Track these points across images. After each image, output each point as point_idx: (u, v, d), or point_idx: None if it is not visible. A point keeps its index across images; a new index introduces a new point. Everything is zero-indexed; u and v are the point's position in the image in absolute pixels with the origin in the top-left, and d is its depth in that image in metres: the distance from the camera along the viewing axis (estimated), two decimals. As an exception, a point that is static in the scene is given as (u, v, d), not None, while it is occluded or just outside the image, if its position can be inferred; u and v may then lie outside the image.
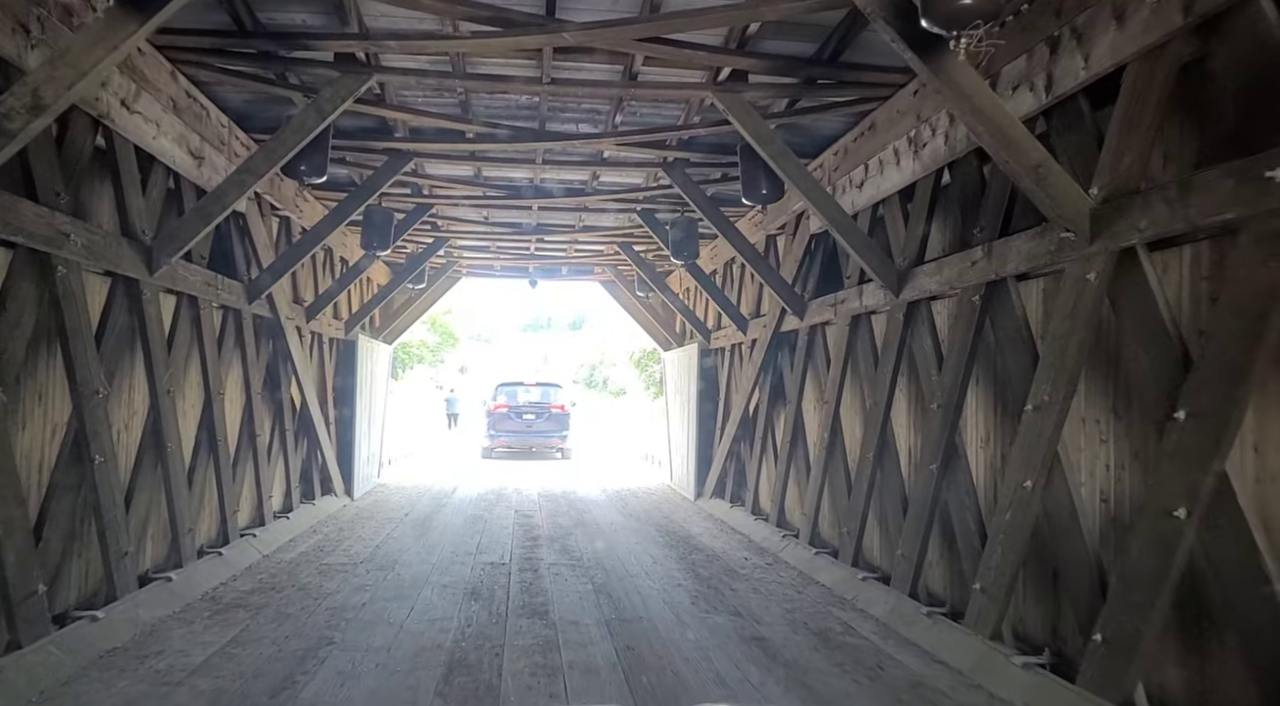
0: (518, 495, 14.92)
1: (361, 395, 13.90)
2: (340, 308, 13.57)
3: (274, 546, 9.11)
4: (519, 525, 11.35)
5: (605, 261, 15.82)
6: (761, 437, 10.96)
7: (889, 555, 7.44)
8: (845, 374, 8.24)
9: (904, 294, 6.77)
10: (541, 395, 23.93)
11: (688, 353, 15.00)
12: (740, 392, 11.77)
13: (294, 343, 10.29)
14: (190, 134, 6.90)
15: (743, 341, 12.11)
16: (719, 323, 13.88)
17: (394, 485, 15.88)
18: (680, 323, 16.90)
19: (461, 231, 13.27)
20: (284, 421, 10.35)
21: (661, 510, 13.05)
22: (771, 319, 10.23)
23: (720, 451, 12.80)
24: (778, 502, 10.07)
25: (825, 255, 8.98)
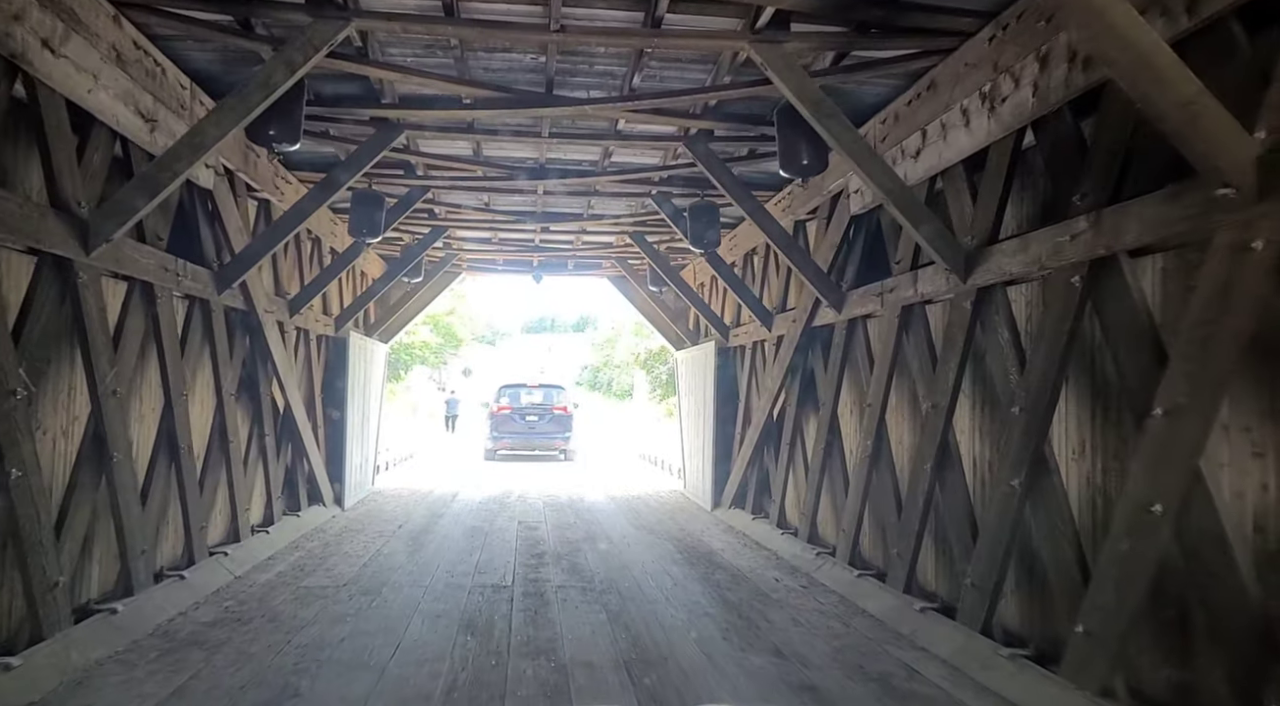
0: (521, 503, 13.95)
1: (354, 397, 12.94)
2: (330, 302, 12.61)
3: (248, 565, 8.13)
4: (522, 538, 10.37)
5: (615, 254, 14.83)
6: (789, 444, 9.96)
7: (950, 582, 6.44)
8: (892, 373, 7.25)
9: (973, 278, 5.77)
10: (544, 397, 23.88)
11: (703, 351, 14.01)
12: (764, 394, 10.78)
13: (274, 339, 9.32)
14: (140, 93, 5.93)
15: (766, 338, 11.12)
16: (738, 319, 12.89)
17: (390, 492, 14.91)
18: (694, 319, 15.91)
19: (460, 219, 12.30)
20: (263, 426, 9.38)
21: (676, 521, 12.06)
22: (802, 313, 9.23)
23: (740, 458, 11.81)
24: (809, 516, 9.07)
25: (867, 239, 7.99)
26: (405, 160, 9.41)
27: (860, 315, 7.97)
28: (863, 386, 8.04)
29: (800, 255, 8.38)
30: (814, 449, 9.14)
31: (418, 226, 12.74)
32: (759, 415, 10.99)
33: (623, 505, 13.99)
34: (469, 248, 14.77)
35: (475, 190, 10.57)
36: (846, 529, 7.92)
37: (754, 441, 11.17)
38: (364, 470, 14.12)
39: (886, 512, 7.30)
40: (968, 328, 5.91)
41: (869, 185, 6.09)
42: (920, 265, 6.74)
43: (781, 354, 10.05)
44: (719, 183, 8.32)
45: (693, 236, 9.95)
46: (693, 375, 14.90)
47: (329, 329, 12.29)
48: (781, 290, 10.55)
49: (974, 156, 5.89)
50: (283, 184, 9.27)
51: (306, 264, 11.07)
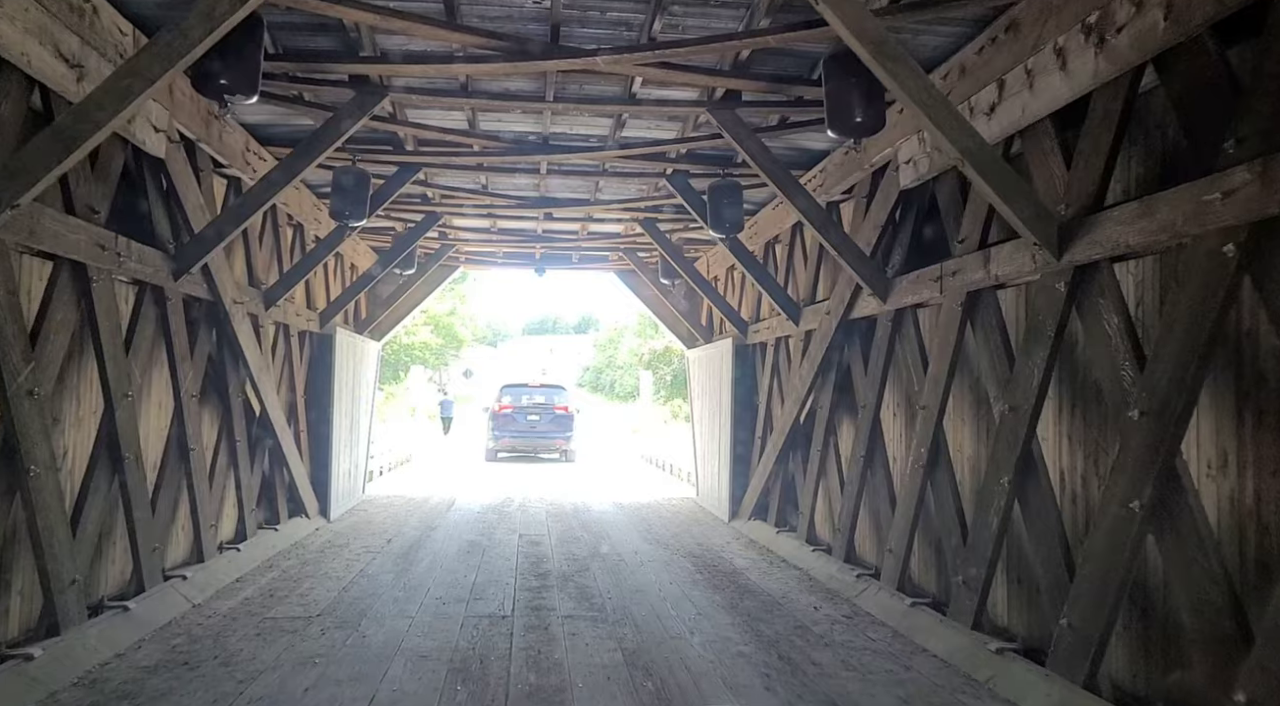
0: (522, 513, 12.94)
1: (341, 398, 11.94)
2: (315, 296, 11.61)
3: (211, 591, 7.13)
4: (524, 555, 9.35)
5: (623, 243, 13.81)
6: (820, 451, 8.94)
7: (1033, 620, 5.44)
8: (953, 370, 6.24)
9: (1070, 254, 4.76)
10: (545, 397, 23.90)
11: (718, 350, 13.01)
12: (790, 395, 9.76)
13: (245, 333, 8.31)
14: (63, 33, 4.92)
15: (792, 334, 10.11)
16: (757, 314, 11.89)
17: (381, 501, 13.90)
18: (709, 314, 14.90)
19: (456, 203, 11.30)
20: (233, 431, 8.38)
21: (692, 534, 11.04)
22: (838, 303, 8.22)
23: (762, 466, 10.79)
24: (845, 533, 8.06)
25: (919, 217, 6.98)
26: (392, 132, 8.41)
27: (910, 304, 6.95)
28: (912, 386, 7.03)
29: (840, 237, 7.36)
30: (851, 457, 8.13)
31: (409, 213, 11.75)
32: (784, 418, 9.97)
33: (632, 515, 12.98)
34: (466, 237, 13.76)
35: (471, 169, 9.56)
36: (894, 549, 6.91)
37: (778, 447, 10.15)
38: (353, 477, 13.12)
39: (946, 533, 6.28)
40: (1060, 314, 4.90)
41: (942, 144, 5.07)
42: (992, 243, 5.72)
43: (812, 350, 9.04)
44: (746, 153, 7.30)
45: (713, 218, 8.93)
46: (706, 375, 13.89)
47: (313, 324, 11.28)
48: (811, 280, 9.53)
49: (1070, 108, 4.89)
50: (255, 160, 8.27)
51: (286, 252, 10.06)
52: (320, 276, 11.98)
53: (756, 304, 11.85)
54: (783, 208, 10.19)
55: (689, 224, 12.03)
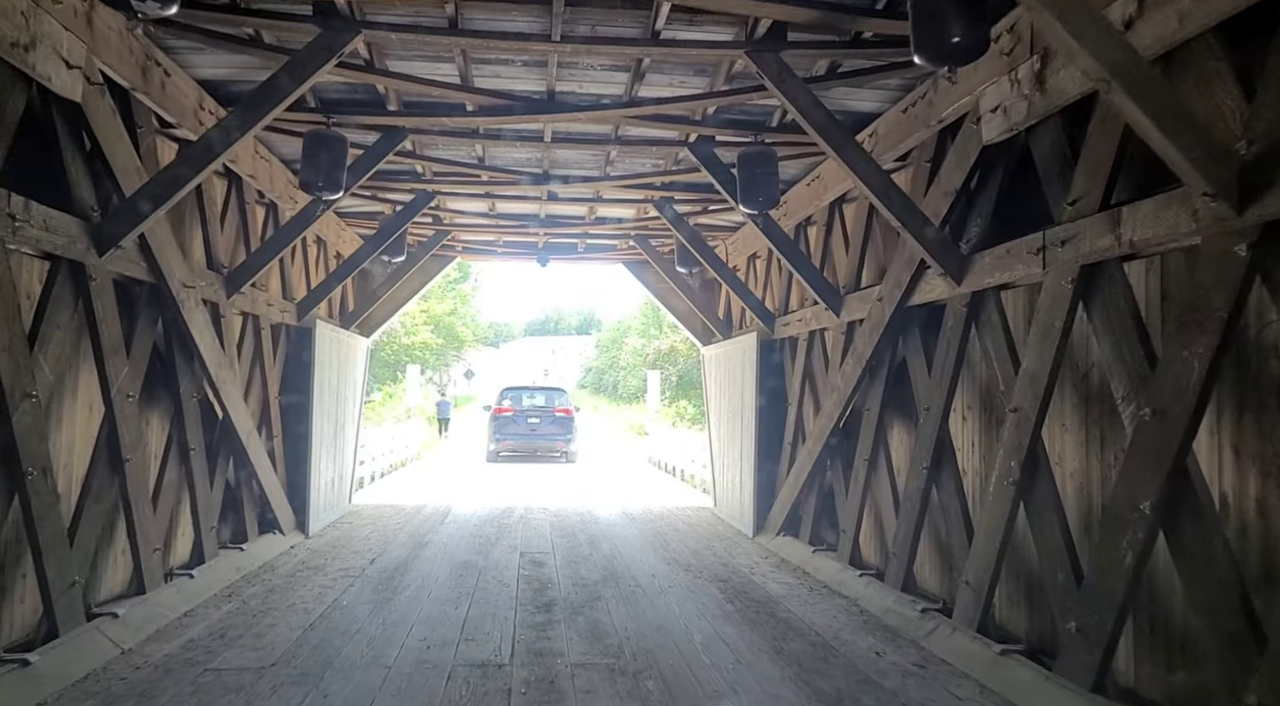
0: (524, 525, 11.73)
1: (323, 399, 10.74)
2: (293, 284, 10.40)
3: (148, 631, 5.92)
4: (526, 579, 8.14)
5: (634, 228, 12.58)
6: (868, 461, 7.72)
7: (1182, 683, 4.22)
8: (1058, 364, 5.02)
9: (1259, 207, 3.55)
10: (546, 399, 24.21)
11: (739, 346, 11.79)
12: (830, 396, 8.54)
13: (200, 322, 7.11)
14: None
15: (830, 327, 8.89)
16: (785, 305, 10.67)
17: (369, 512, 12.69)
18: (726, 308, 13.68)
19: (450, 178, 10.08)
20: (186, 437, 7.17)
21: (714, 552, 9.82)
22: (893, 289, 7.00)
23: (794, 476, 9.57)
24: (902, 557, 6.84)
25: (1006, 178, 5.75)
26: (370, 88, 7.20)
27: (993, 285, 5.73)
28: (994, 384, 5.82)
29: (904, 205, 6.13)
30: (910, 468, 6.91)
31: (398, 193, 10.55)
32: (820, 423, 8.75)
33: (644, 527, 11.76)
34: (462, 223, 12.55)
35: (466, 136, 8.34)
36: (973, 582, 5.68)
37: (813, 455, 8.93)
38: (337, 486, 11.92)
39: (1048, 567, 5.06)
40: (1237, 287, 3.69)
41: (1080, 62, 3.84)
42: (1120, 202, 4.51)
43: (857, 344, 7.82)
44: (793, 106, 6.06)
45: (744, 192, 7.72)
46: (726, 374, 12.68)
47: (289, 316, 10.08)
48: (854, 264, 8.31)
49: (1244, 13, 3.68)
50: (211, 120, 7.06)
51: (254, 232, 8.85)
52: (299, 264, 10.78)
53: (785, 294, 10.64)
54: (818, 184, 8.99)
55: (709, 204, 10.82)
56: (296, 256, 10.68)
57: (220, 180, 8.25)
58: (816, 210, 9.32)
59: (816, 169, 8.88)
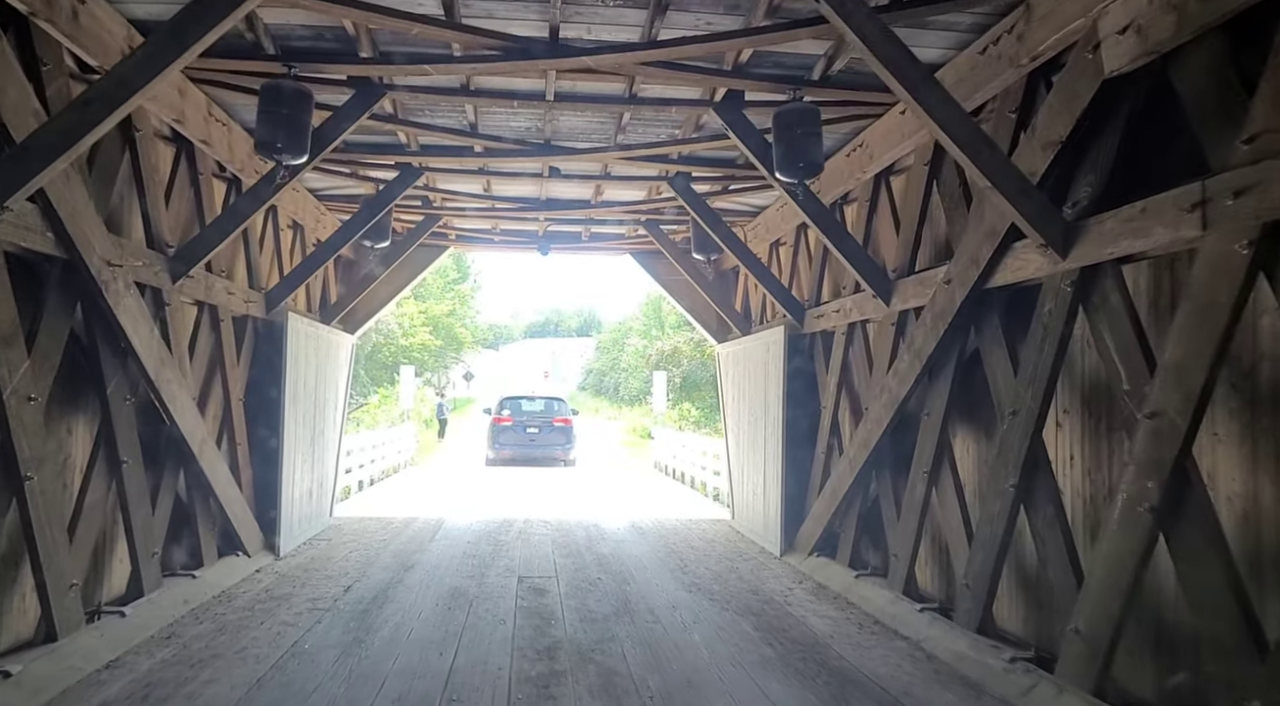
0: (523, 542, 10.54)
1: (297, 402, 9.56)
2: (263, 272, 9.22)
3: (52, 692, 4.74)
4: (526, 613, 6.96)
5: (645, 211, 11.37)
6: (927, 474, 6.52)
7: None
8: (1220, 356, 3.84)
9: None
10: (545, 408, 24.58)
11: (762, 343, 10.60)
12: (878, 399, 7.35)
13: (130, 310, 5.92)
14: None
15: (876, 317, 7.72)
16: (817, 295, 9.48)
17: (353, 526, 11.49)
18: (744, 301, 12.47)
19: (439, 154, 8.89)
20: (117, 448, 5.99)
21: (739, 575, 8.63)
22: (967, 268, 5.82)
23: (830, 489, 8.39)
24: (980, 593, 5.64)
25: (1135, 117, 4.56)
26: (338, 29, 6.01)
27: (1114, 257, 4.54)
28: (1104, 382, 4.65)
29: (996, 162, 4.93)
30: (987, 485, 5.73)
31: (380, 168, 9.37)
32: (866, 429, 7.57)
33: (656, 543, 10.57)
34: (455, 206, 11.36)
35: (454, 93, 7.15)
36: (1086, 632, 4.48)
37: (855, 466, 7.75)
38: (316, 498, 10.73)
39: (1207, 622, 3.87)
40: None
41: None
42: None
43: (915, 337, 6.64)
44: (860, 37, 4.83)
45: (781, 157, 6.55)
46: (745, 374, 11.49)
47: (256, 308, 8.89)
48: (906, 245, 7.13)
49: None
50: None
51: (210, 210, 7.65)
52: (269, 250, 9.59)
53: (816, 284, 9.45)
54: (860, 154, 7.81)
55: (730, 181, 9.65)
56: (267, 242, 9.50)
57: (167, 146, 7.07)
58: (857, 184, 8.14)
59: (860, 135, 7.69)
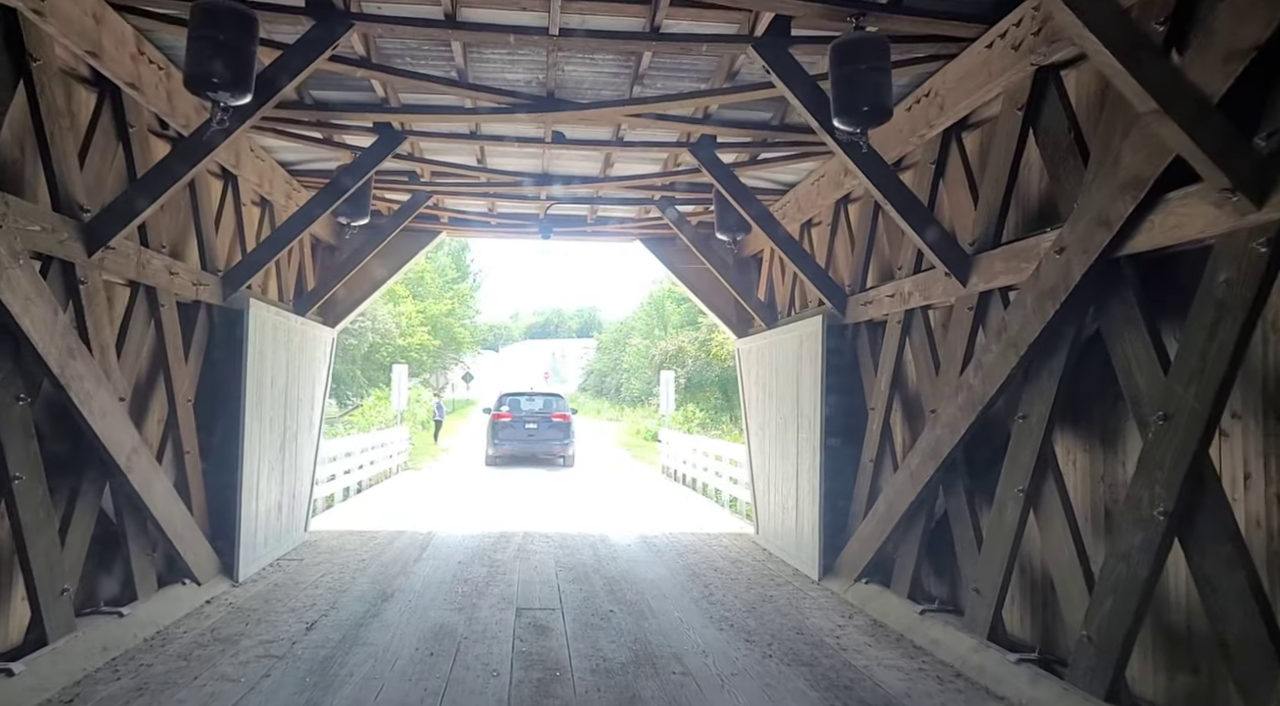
0: (522, 561, 9.27)
1: (262, 402, 8.29)
2: (218, 252, 7.94)
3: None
4: (524, 661, 5.67)
5: (660, 185, 10.06)
6: (1023, 493, 5.22)
7: None
8: None
9: None
10: (544, 405, 24.56)
11: (795, 334, 9.32)
12: (953, 399, 6.05)
13: (18, 286, 4.64)
14: None
15: (944, 301, 6.45)
16: (862, 279, 8.19)
17: (330, 542, 10.21)
18: (770, 289, 11.16)
19: (422, 113, 7.62)
20: (5, 462, 4.71)
21: (776, 606, 7.35)
22: (1089, 233, 4.53)
23: (884, 505, 7.10)
24: (1110, 650, 4.33)
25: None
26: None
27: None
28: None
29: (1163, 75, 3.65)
30: (1121, 511, 4.47)
31: (356, 133, 8.11)
32: (935, 436, 6.28)
33: (673, 563, 9.30)
34: (445, 184, 10.08)
35: (433, 24, 5.86)
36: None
37: (919, 479, 6.47)
38: (287, 512, 9.45)
39: None
40: None
41: None
42: None
43: (1009, 323, 5.35)
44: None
45: (841, 101, 5.25)
46: (772, 371, 10.21)
47: (209, 292, 7.61)
48: (989, 214, 5.84)
49: None
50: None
51: (139, 160, 6.34)
52: (229, 228, 8.33)
53: (861, 266, 8.17)
54: (925, 106, 6.52)
55: (763, 146, 8.37)
56: (226, 218, 8.23)
57: (84, 90, 5.79)
58: (918, 144, 6.85)
59: (926, 83, 6.40)
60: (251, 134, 8.12)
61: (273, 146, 8.81)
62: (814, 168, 9.15)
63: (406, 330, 51.05)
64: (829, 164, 8.58)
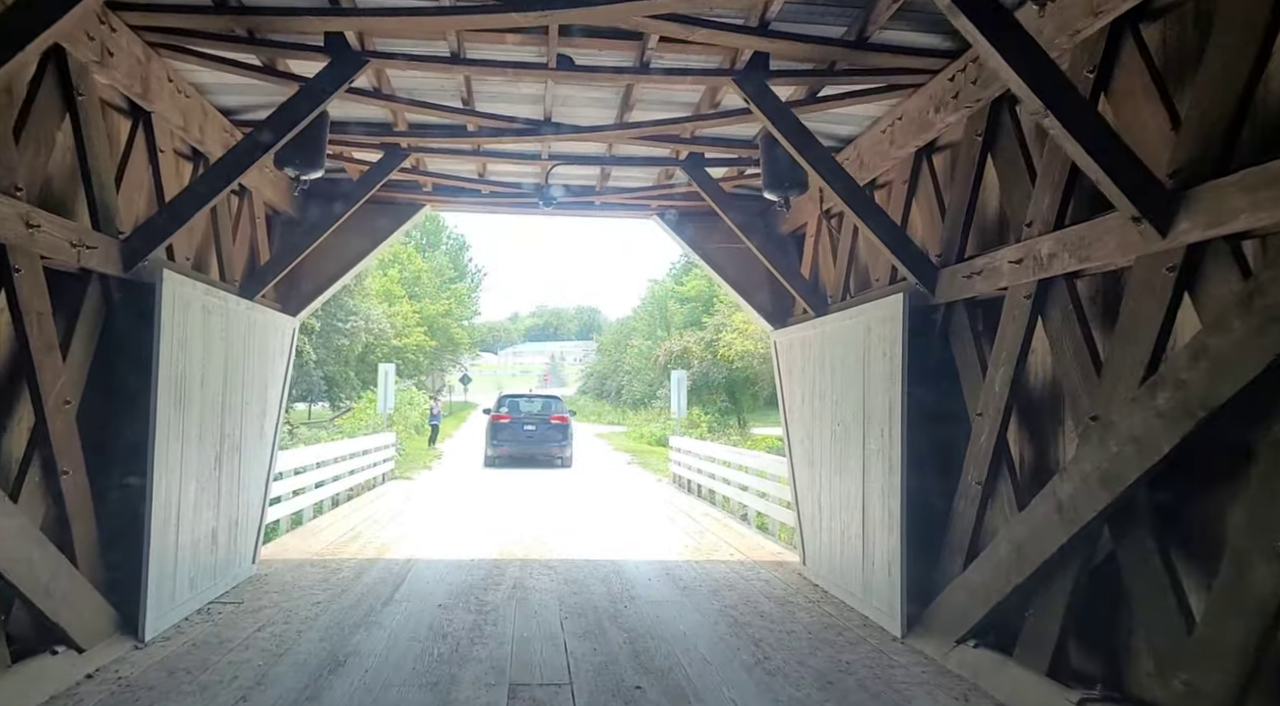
0: (518, 605, 7.41)
1: (188, 404, 6.47)
2: (118, 209, 6.06)
3: None
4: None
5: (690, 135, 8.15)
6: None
7: None
8: None
9: None
10: (542, 406, 24.85)
11: (860, 321, 7.44)
12: (1131, 403, 4.18)
13: None
14: None
15: (1107, 264, 4.58)
16: (960, 246, 6.30)
17: (283, 576, 8.33)
18: (814, 270, 9.28)
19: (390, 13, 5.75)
20: None
21: (858, 679, 5.46)
22: None
23: (1008, 545, 5.22)
24: None
25: None
26: None
27: None
28: None
29: None
30: None
31: (303, 54, 6.23)
32: (1100, 454, 4.40)
33: (708, 607, 7.44)
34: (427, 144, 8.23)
35: None
36: None
37: (1078, 514, 4.58)
38: (226, 542, 7.56)
39: None
40: None
41: None
42: None
43: (1262, 285, 3.49)
44: None
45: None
46: (825, 367, 8.34)
47: (102, 259, 5.71)
48: (1219, 120, 3.95)
49: None
50: None
51: None
52: (139, 179, 6.46)
53: (960, 228, 6.28)
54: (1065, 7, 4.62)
55: (828, 76, 6.48)
56: (135, 168, 6.38)
57: None
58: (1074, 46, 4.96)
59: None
60: (169, 59, 6.28)
61: (206, 84, 6.97)
62: (881, 115, 7.32)
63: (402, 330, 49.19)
64: (912, 101, 6.71)
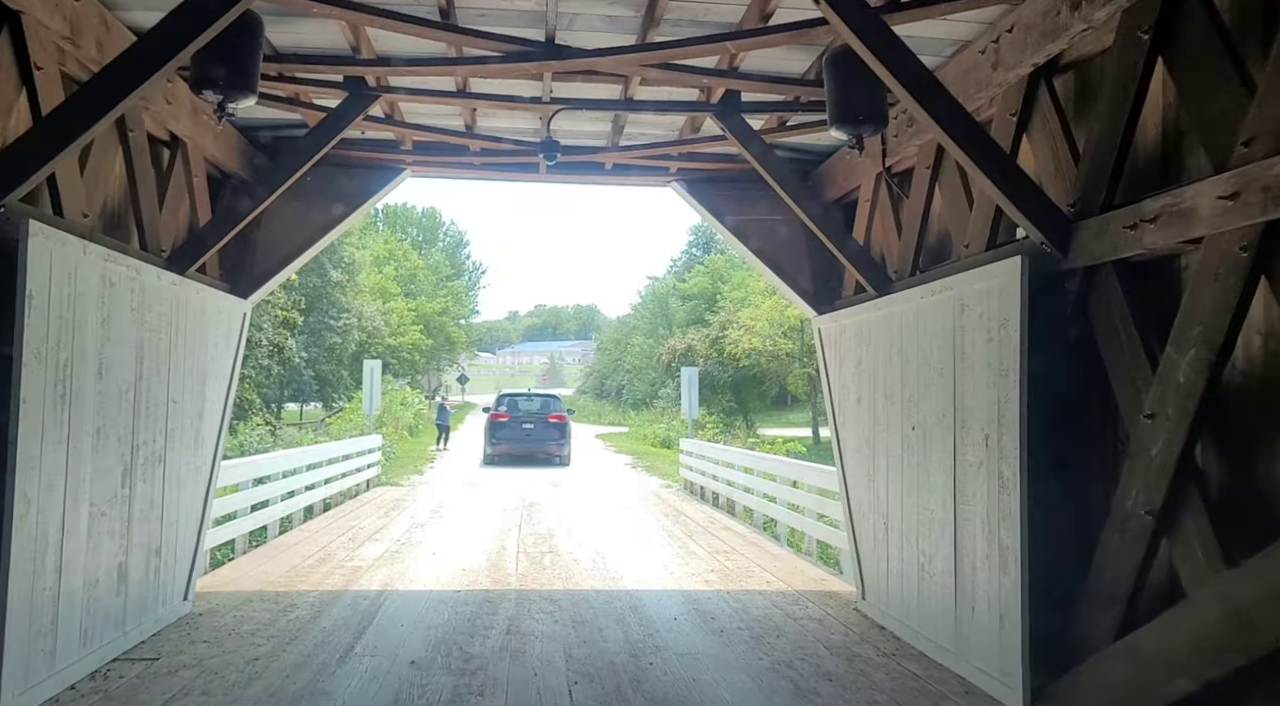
0: (512, 656, 5.85)
1: (79, 402, 4.93)
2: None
3: None
4: None
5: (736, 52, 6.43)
6: None
7: None
8: None
9: None
10: (541, 405, 24.99)
11: (946, 298, 5.82)
12: None
13: None
14: None
15: None
16: (1108, 191, 4.67)
17: (220, 618, 6.70)
18: (866, 242, 7.65)
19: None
20: None
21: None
22: None
23: (1209, 600, 3.62)
24: None
25: None
26: None
27: None
28: None
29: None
30: None
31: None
32: None
33: (749, 654, 5.87)
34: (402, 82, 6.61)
35: None
36: None
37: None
38: (143, 579, 5.94)
39: None
40: None
41: None
42: None
43: None
44: None
45: None
46: (891, 359, 6.73)
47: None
48: None
49: None
50: None
51: None
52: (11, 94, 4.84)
53: (1110, 167, 4.64)
54: None
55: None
56: (2, 85, 4.76)
57: None
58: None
59: None
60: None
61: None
62: (975, 35, 5.73)
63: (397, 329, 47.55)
64: (1023, 9, 5.11)
